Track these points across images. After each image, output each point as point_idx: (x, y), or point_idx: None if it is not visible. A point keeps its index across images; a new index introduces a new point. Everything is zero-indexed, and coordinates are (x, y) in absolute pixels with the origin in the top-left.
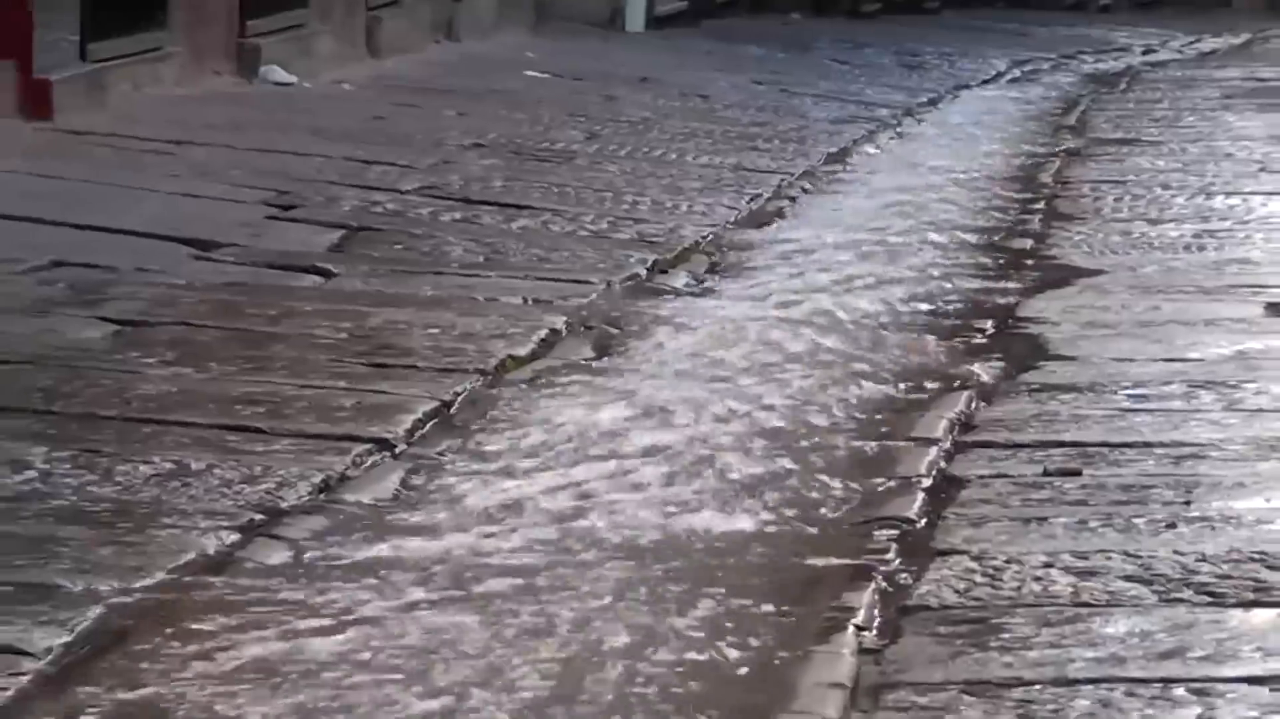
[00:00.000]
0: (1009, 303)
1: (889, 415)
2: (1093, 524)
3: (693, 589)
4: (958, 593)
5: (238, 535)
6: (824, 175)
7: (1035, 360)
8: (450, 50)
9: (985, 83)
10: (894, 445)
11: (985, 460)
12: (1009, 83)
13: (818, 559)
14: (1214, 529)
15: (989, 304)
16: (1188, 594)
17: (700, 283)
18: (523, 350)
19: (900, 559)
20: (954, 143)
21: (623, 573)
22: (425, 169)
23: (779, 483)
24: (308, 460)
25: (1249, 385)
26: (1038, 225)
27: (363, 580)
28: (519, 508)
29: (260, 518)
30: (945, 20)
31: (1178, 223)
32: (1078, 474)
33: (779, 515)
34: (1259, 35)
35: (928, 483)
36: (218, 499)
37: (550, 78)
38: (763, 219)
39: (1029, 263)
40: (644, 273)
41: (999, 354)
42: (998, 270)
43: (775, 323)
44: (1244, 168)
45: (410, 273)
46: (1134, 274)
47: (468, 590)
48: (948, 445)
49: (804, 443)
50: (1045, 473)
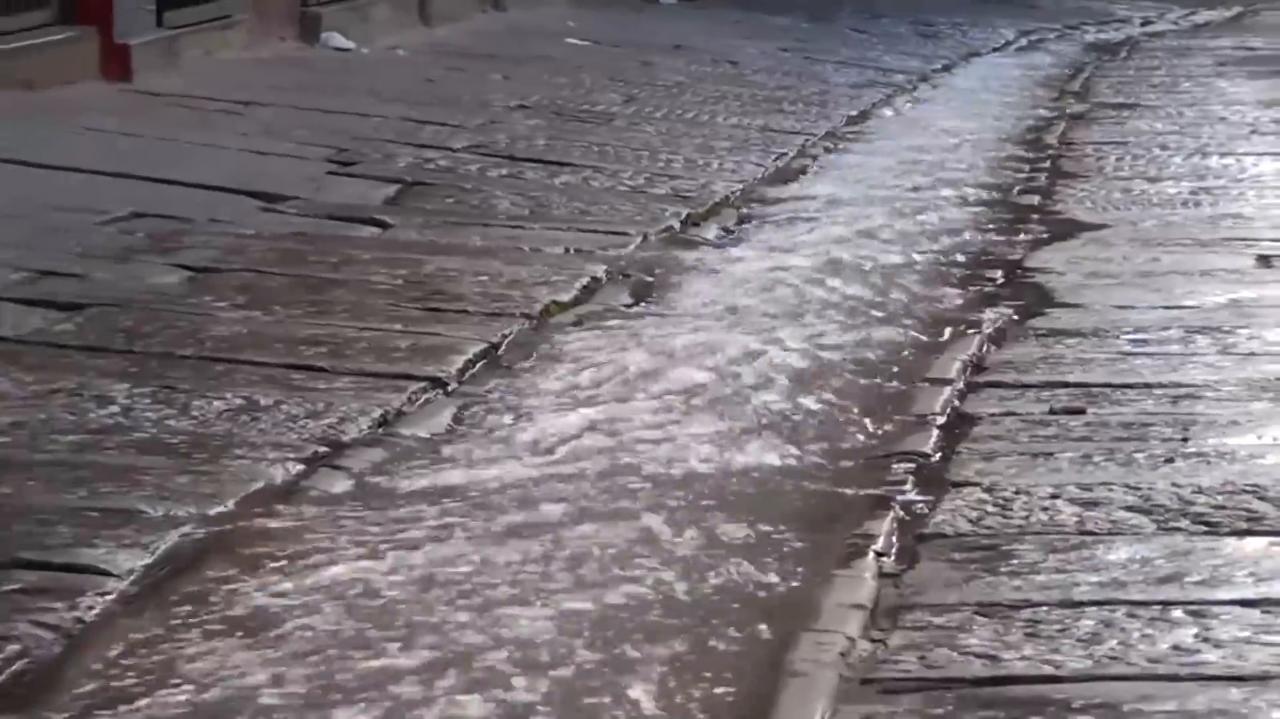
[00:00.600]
0: (1017, 254)
1: (906, 358)
2: (1096, 459)
3: (723, 517)
4: (970, 522)
5: (303, 466)
6: (845, 136)
7: (1042, 307)
8: (496, 19)
9: (995, 51)
10: (910, 385)
11: (996, 399)
12: (1017, 51)
13: (840, 490)
14: (1209, 463)
15: (999, 255)
16: (1185, 523)
17: (730, 235)
18: (565, 296)
19: (917, 490)
20: (966, 106)
21: (658, 501)
22: (474, 128)
23: (804, 420)
24: (367, 397)
25: (1242, 331)
26: (1044, 183)
27: (419, 507)
28: (562, 441)
29: (324, 450)
30: None
31: (1175, 181)
32: (1082, 412)
33: (804, 450)
34: (1249, 9)
35: (942, 420)
36: (284, 432)
37: (590, 45)
38: (788, 176)
39: (1036, 217)
40: (678, 225)
41: (1008, 301)
42: (1007, 224)
43: (800, 272)
44: (1236, 130)
45: (460, 224)
46: (1134, 228)
47: (516, 516)
48: (960, 385)
49: (827, 383)
50: (1051, 411)
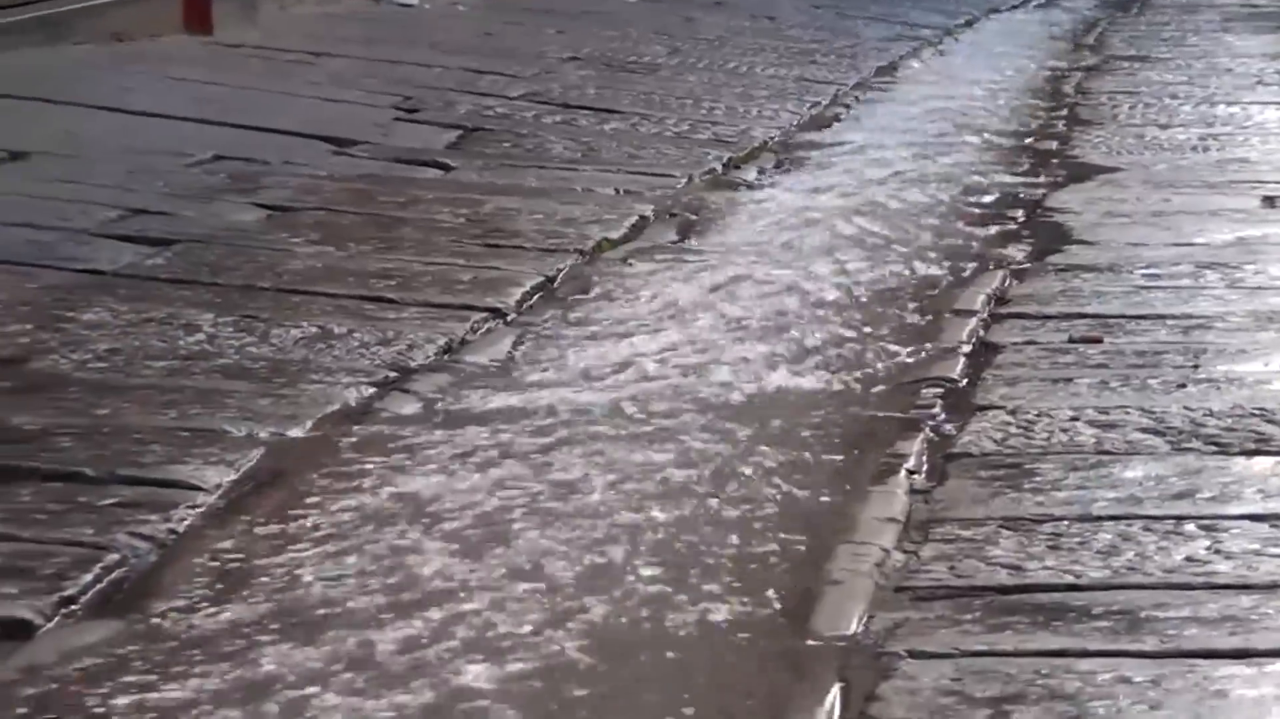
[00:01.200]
0: (1037, 195)
1: (933, 291)
2: (1112, 384)
3: (766, 437)
4: (995, 442)
5: (374, 389)
6: (875, 86)
7: (1060, 244)
8: None
9: (1014, 8)
10: (938, 317)
11: (1018, 329)
12: (1034, 7)
13: (873, 414)
14: (1219, 389)
15: (1020, 196)
16: (1196, 444)
17: (768, 177)
18: (615, 234)
19: (945, 413)
20: (988, 58)
21: (704, 422)
22: (529, 78)
23: (839, 348)
24: (432, 326)
25: (1249, 267)
26: (1062, 129)
27: (483, 427)
28: (614, 368)
29: (393, 375)
30: None
31: (1185, 127)
32: (1099, 341)
33: (839, 376)
34: None
35: (968, 349)
36: (357, 359)
37: (637, 2)
38: (822, 123)
39: (1054, 161)
40: (719, 168)
41: (1029, 239)
42: (1027, 167)
43: (834, 211)
44: (1242, 81)
45: (517, 167)
46: (1147, 171)
47: (572, 436)
48: (985, 316)
49: (860, 314)
50: (1070, 340)
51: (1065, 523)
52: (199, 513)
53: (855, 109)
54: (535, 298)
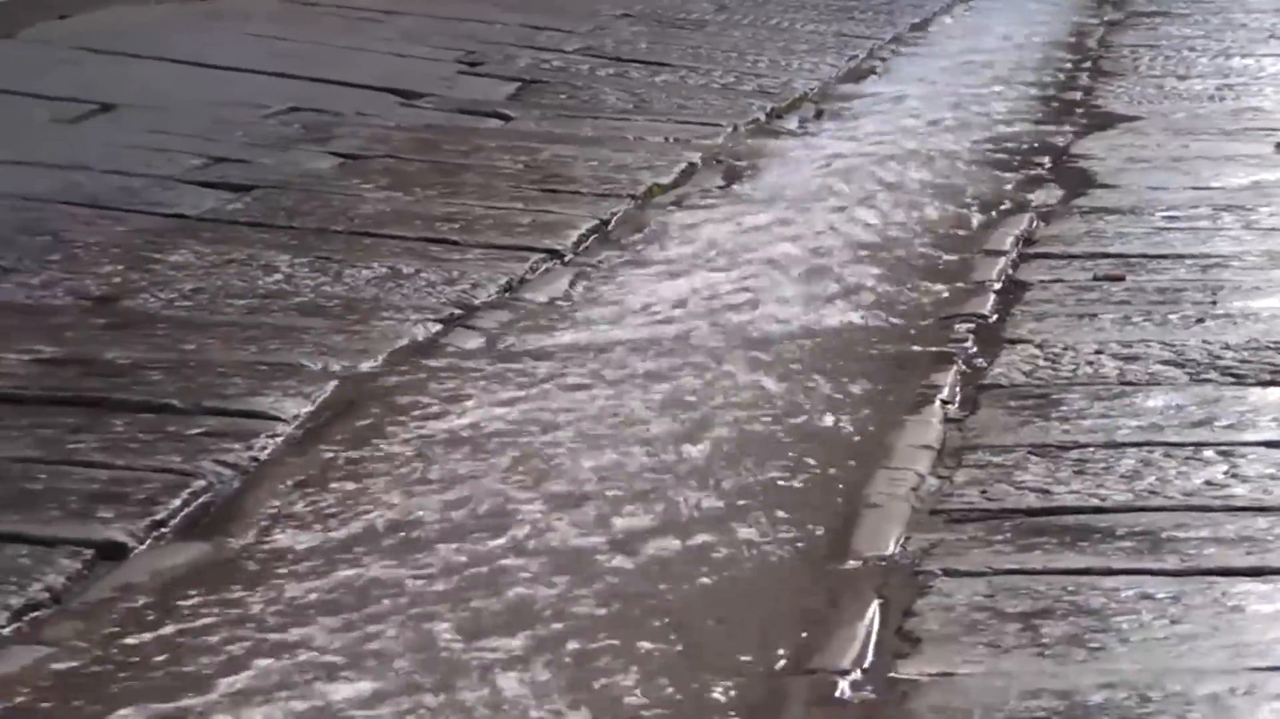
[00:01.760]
0: (1063, 142)
1: (965, 232)
2: (1134, 319)
3: (808, 369)
4: (1024, 374)
5: (440, 326)
6: (909, 40)
7: (1085, 188)
8: None
9: None
10: (969, 256)
11: (1045, 268)
12: None
13: (909, 347)
14: (1236, 324)
15: (1046, 143)
16: (1214, 375)
17: (809, 126)
18: (666, 179)
19: (976, 347)
20: (1016, 14)
21: (751, 355)
22: (584, 34)
23: (876, 286)
24: (494, 266)
25: (1264, 209)
26: (1086, 80)
27: (543, 362)
28: (665, 305)
29: (458, 312)
30: None
31: (1202, 78)
32: (1121, 279)
33: (877, 312)
34: None
35: (998, 286)
36: (424, 297)
37: None
38: (859, 75)
39: (1079, 110)
40: (763, 118)
41: (1055, 183)
42: (1053, 116)
43: (871, 158)
44: (1256, 35)
45: (573, 117)
46: (1166, 119)
47: (626, 368)
48: (1014, 256)
49: (896, 254)
50: (1094, 278)
51: (1090, 449)
52: (279, 441)
53: (891, 61)
54: (590, 240)
